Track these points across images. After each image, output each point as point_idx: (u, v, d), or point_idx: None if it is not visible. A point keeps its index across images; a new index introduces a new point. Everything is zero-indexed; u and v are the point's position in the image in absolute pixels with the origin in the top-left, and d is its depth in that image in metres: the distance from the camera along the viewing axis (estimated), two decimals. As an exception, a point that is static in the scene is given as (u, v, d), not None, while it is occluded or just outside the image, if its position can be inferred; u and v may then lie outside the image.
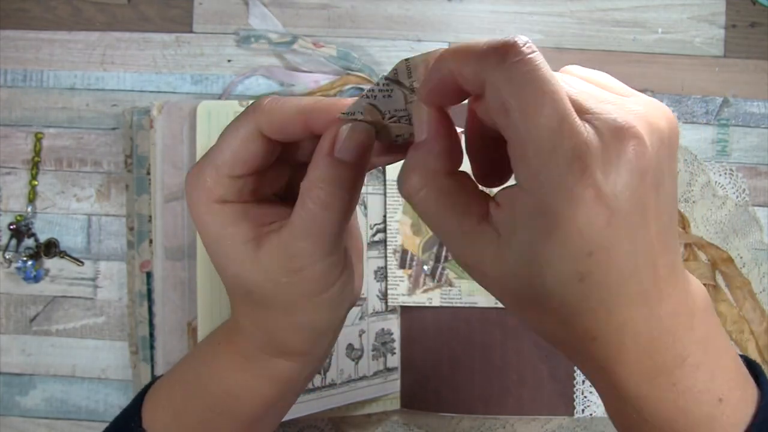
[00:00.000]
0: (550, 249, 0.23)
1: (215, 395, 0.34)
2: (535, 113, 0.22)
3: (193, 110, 0.53)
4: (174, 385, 0.35)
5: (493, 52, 0.23)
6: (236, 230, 0.29)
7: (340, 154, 0.27)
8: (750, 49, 0.58)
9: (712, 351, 0.26)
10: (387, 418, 0.58)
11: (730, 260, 0.57)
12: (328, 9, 0.59)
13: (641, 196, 0.23)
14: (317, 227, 0.28)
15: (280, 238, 0.28)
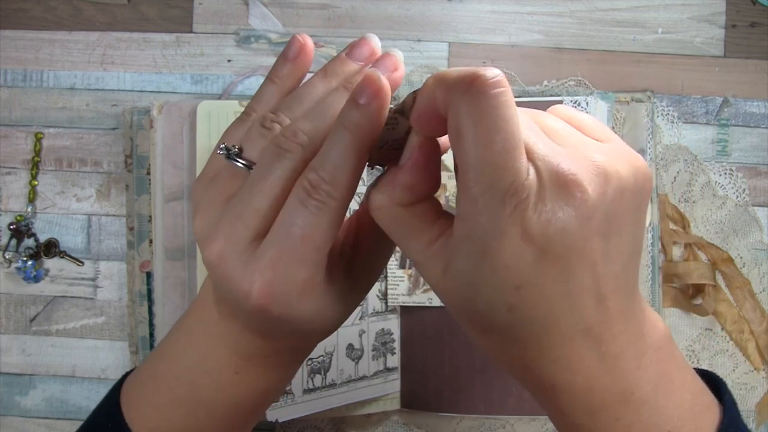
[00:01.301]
0: (480, 277, 0.24)
1: (211, 393, 0.33)
2: (485, 145, 0.23)
3: (193, 110, 0.53)
4: (158, 386, 0.34)
5: (461, 80, 0.23)
6: (335, 294, 0.29)
7: None
8: (750, 49, 0.58)
9: (663, 387, 0.26)
10: (387, 418, 0.58)
11: (730, 260, 0.57)
12: (328, 9, 0.59)
13: (579, 242, 0.23)
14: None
15: (360, 261, 0.31)
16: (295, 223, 0.27)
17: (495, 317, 0.25)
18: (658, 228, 0.56)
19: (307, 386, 0.52)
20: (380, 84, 0.26)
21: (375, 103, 0.26)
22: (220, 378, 0.33)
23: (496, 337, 0.26)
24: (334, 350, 0.53)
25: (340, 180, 0.26)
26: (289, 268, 0.27)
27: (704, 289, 0.56)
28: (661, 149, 0.58)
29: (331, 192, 0.26)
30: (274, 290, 0.27)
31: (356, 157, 0.26)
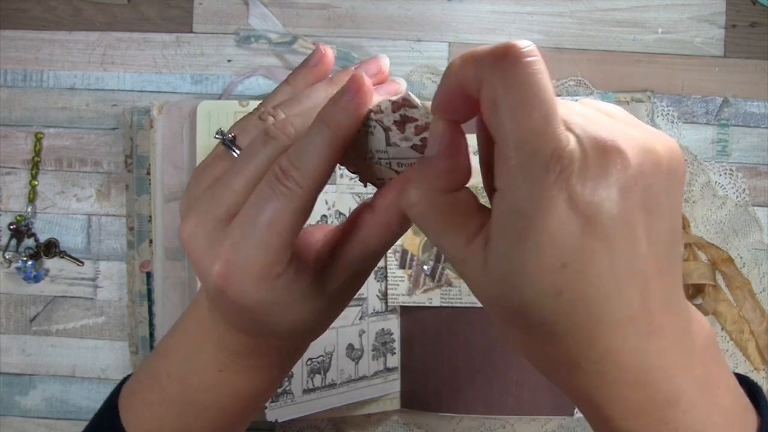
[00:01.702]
0: (524, 257, 0.22)
1: (199, 393, 0.34)
2: (523, 114, 0.22)
3: (193, 110, 0.53)
4: (156, 394, 0.35)
5: (492, 53, 0.23)
6: (300, 288, 0.29)
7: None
8: (750, 49, 0.58)
9: (710, 390, 0.25)
10: (387, 418, 0.58)
11: (730, 260, 0.57)
12: (328, 9, 0.59)
13: (624, 213, 0.22)
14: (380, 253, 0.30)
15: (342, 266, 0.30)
16: (260, 207, 0.27)
17: (544, 305, 0.22)
18: (658, 228, 0.56)
19: (306, 386, 0.52)
20: (362, 82, 0.27)
21: (355, 99, 0.27)
22: (205, 376, 0.33)
23: (544, 334, 0.24)
24: (334, 350, 0.53)
25: (310, 169, 0.27)
26: (248, 250, 0.27)
27: (704, 289, 0.56)
28: (661, 149, 0.58)
29: (299, 180, 0.27)
30: (231, 271, 0.27)
31: (329, 150, 0.27)
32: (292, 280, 0.29)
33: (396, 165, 0.29)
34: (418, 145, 0.28)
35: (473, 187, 0.27)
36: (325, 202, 0.53)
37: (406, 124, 0.27)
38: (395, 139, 0.28)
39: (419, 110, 0.27)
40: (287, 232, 0.27)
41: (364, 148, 0.29)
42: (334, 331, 0.53)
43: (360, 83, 0.27)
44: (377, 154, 0.29)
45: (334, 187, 0.54)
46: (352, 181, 0.54)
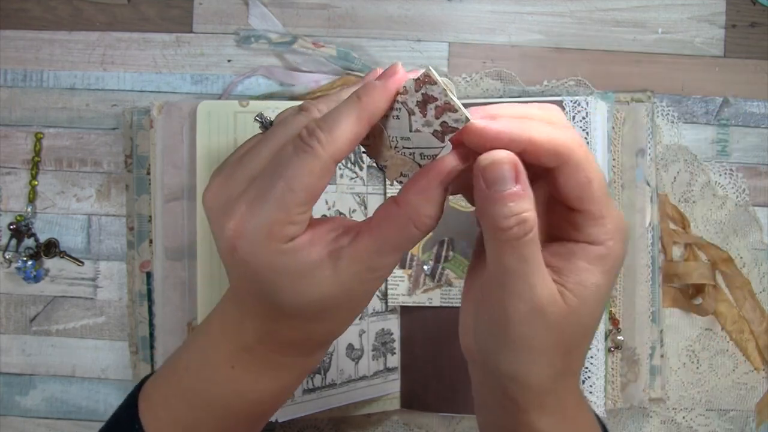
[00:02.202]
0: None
1: (209, 387, 0.34)
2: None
3: (193, 110, 0.53)
4: (172, 387, 0.35)
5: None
6: (313, 260, 0.29)
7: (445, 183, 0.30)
8: (750, 49, 0.58)
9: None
10: (387, 418, 0.58)
11: (730, 260, 0.57)
12: (328, 9, 0.59)
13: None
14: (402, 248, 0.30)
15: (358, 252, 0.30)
16: (280, 164, 0.28)
17: (598, 321, 0.31)
18: (658, 228, 0.56)
19: (306, 386, 0.52)
20: (397, 69, 0.29)
21: (389, 81, 0.29)
22: (218, 371, 0.33)
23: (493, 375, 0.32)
24: (333, 350, 0.53)
25: (335, 132, 0.28)
26: (262, 207, 0.28)
27: (704, 289, 0.56)
28: (661, 149, 0.58)
29: (321, 139, 0.27)
30: (243, 226, 0.28)
31: (357, 121, 0.28)
32: (304, 249, 0.29)
33: (419, 157, 0.30)
34: (438, 132, 0.29)
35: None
36: (326, 202, 0.53)
37: (428, 104, 0.28)
38: (417, 126, 0.29)
39: (438, 87, 0.28)
40: (302, 192, 0.28)
41: (388, 137, 0.30)
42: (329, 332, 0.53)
43: (395, 70, 0.29)
44: (401, 142, 0.30)
45: (334, 187, 0.54)
46: (352, 181, 0.54)
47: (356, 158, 0.54)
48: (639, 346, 0.55)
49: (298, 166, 0.27)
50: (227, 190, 0.29)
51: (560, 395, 0.32)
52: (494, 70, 0.58)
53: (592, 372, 0.53)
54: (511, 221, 0.27)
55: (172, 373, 0.36)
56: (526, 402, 0.31)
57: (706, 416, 0.57)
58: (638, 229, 0.55)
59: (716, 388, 0.57)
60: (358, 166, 0.54)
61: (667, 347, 0.57)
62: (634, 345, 0.55)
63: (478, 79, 0.58)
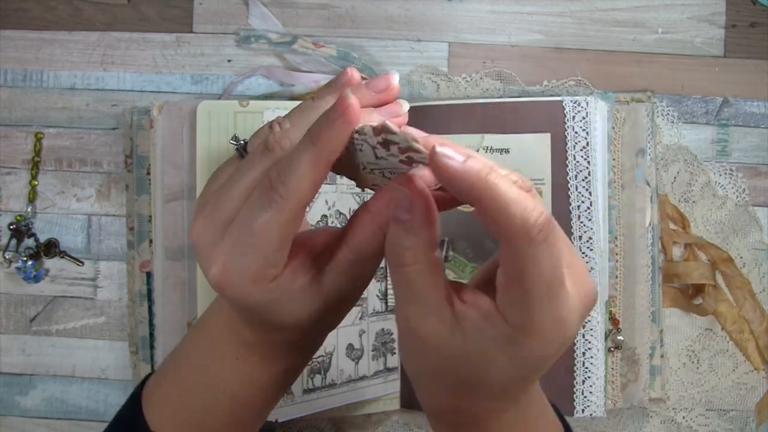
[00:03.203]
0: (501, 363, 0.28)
1: (215, 380, 0.35)
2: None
3: (193, 110, 0.53)
4: (177, 383, 0.36)
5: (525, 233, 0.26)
6: (298, 288, 0.30)
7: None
8: (750, 49, 0.58)
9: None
10: (387, 418, 0.58)
11: (730, 260, 0.57)
12: (328, 9, 0.59)
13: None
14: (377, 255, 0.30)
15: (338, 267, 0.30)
16: (250, 216, 0.28)
17: (508, 390, 0.29)
18: (658, 228, 0.56)
19: (307, 386, 0.52)
20: (348, 103, 0.27)
21: (339, 120, 0.27)
22: (223, 364, 0.34)
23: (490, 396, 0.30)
24: (334, 350, 0.53)
25: (294, 184, 0.27)
26: (241, 257, 0.29)
27: (704, 289, 0.56)
28: (661, 149, 0.58)
29: (283, 194, 0.28)
30: (227, 274, 0.29)
31: (313, 168, 0.27)
32: (288, 282, 0.30)
33: (388, 173, 0.30)
34: (405, 161, 0.28)
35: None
36: (325, 202, 0.53)
37: (390, 146, 0.27)
38: (382, 155, 0.28)
39: (398, 136, 0.27)
40: (276, 241, 0.28)
41: (355, 160, 0.30)
42: (334, 331, 0.53)
43: (345, 106, 0.27)
44: (368, 165, 0.30)
45: (334, 187, 0.54)
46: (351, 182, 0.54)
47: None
48: (639, 346, 0.55)
49: (265, 219, 0.28)
50: (208, 232, 0.30)
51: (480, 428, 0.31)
52: (494, 70, 0.58)
53: (592, 372, 0.53)
54: (389, 248, 0.28)
55: (174, 370, 0.36)
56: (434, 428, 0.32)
57: (706, 416, 0.57)
58: (638, 229, 0.55)
59: (716, 388, 0.57)
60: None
61: (667, 347, 0.57)
62: (634, 345, 0.55)
63: (478, 79, 0.58)
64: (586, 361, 0.53)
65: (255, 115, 0.53)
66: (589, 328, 0.53)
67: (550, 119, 0.53)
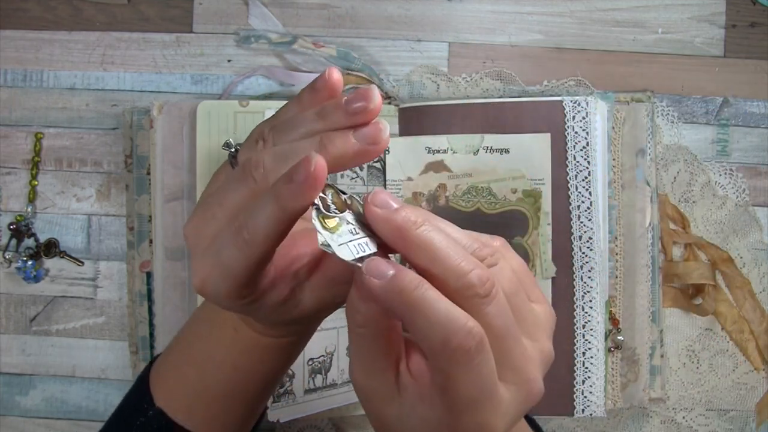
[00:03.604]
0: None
1: (216, 348, 0.37)
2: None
3: (193, 110, 0.53)
4: (183, 354, 0.38)
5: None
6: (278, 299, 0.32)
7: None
8: (750, 49, 0.58)
9: None
10: (387, 418, 0.58)
11: (730, 260, 0.57)
12: (328, 9, 0.59)
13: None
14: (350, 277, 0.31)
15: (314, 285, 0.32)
16: (222, 247, 0.29)
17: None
18: (658, 228, 0.56)
19: (307, 386, 0.52)
20: (312, 170, 0.26)
21: (304, 184, 0.26)
22: (223, 332, 0.36)
23: None
24: (334, 350, 0.53)
25: (258, 233, 0.28)
26: (216, 277, 0.30)
27: (704, 289, 0.57)
28: (661, 149, 0.58)
29: (248, 240, 0.28)
30: (205, 286, 0.30)
31: (275, 223, 0.28)
32: (266, 295, 0.31)
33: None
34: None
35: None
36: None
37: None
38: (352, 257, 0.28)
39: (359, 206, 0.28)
40: (244, 276, 0.29)
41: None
42: (335, 331, 0.53)
43: (308, 171, 0.26)
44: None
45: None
46: (352, 182, 0.54)
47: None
48: (639, 346, 0.55)
49: (234, 256, 0.29)
50: (197, 239, 0.31)
51: None
52: (494, 70, 0.58)
53: (592, 372, 0.53)
54: (349, 308, 0.29)
55: (180, 342, 0.39)
56: None
57: (706, 416, 0.57)
58: (638, 229, 0.55)
59: (716, 388, 0.57)
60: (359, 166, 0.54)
61: (667, 347, 0.57)
62: (634, 345, 0.55)
63: (478, 79, 0.58)
64: (586, 361, 0.53)
65: (255, 115, 0.53)
66: (589, 328, 0.53)
67: (550, 119, 0.53)
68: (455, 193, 0.55)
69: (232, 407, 0.38)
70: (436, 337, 0.25)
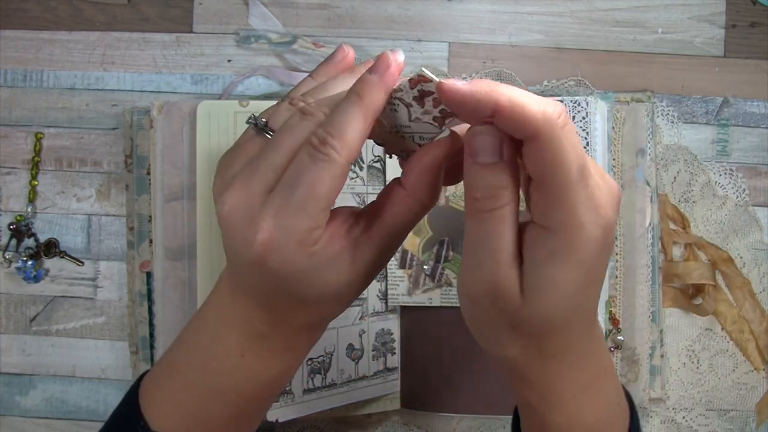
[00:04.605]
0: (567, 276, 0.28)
1: (218, 378, 0.34)
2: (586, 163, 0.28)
3: (193, 110, 0.53)
4: (176, 382, 0.35)
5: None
6: (335, 254, 0.31)
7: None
8: (750, 49, 0.58)
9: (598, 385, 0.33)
10: (387, 418, 0.58)
11: (730, 260, 0.57)
12: (328, 9, 0.59)
13: (611, 243, 0.30)
14: (409, 228, 0.32)
15: (371, 239, 0.31)
16: (300, 175, 0.29)
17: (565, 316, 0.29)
18: (658, 228, 0.56)
19: (307, 386, 0.52)
20: (390, 61, 0.30)
21: (384, 76, 0.29)
22: (227, 361, 0.34)
23: (536, 333, 0.30)
24: (334, 350, 0.53)
25: (346, 137, 0.29)
26: (289, 217, 0.29)
27: (704, 289, 0.56)
28: (661, 149, 0.58)
29: (336, 146, 0.28)
30: (273, 238, 0.29)
31: (363, 120, 0.29)
32: (327, 247, 0.30)
33: (418, 138, 0.31)
34: (438, 117, 0.30)
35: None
36: (325, 202, 0.53)
37: (425, 98, 0.29)
38: (416, 114, 0.30)
39: (434, 84, 0.29)
40: (325, 198, 0.29)
41: (389, 123, 0.31)
42: (335, 331, 0.53)
43: (388, 61, 0.30)
44: (401, 128, 0.31)
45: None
46: (352, 181, 0.54)
47: (356, 158, 0.54)
48: (639, 346, 0.55)
49: (318, 175, 0.28)
50: (247, 202, 0.30)
51: (545, 377, 0.31)
52: (494, 70, 0.58)
53: (592, 372, 0.53)
54: (483, 192, 0.28)
55: (172, 369, 0.36)
56: (512, 376, 0.32)
57: (706, 416, 0.57)
58: (638, 229, 0.55)
59: (716, 388, 0.57)
60: (358, 166, 0.54)
61: (667, 347, 0.57)
62: (634, 345, 0.55)
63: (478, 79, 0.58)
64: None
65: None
66: (589, 328, 0.53)
67: (550, 119, 0.53)
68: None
69: (235, 428, 0.37)
70: (535, 110, 0.27)
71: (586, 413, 0.32)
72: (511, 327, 0.30)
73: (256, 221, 0.29)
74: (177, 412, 0.35)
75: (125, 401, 0.37)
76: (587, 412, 0.32)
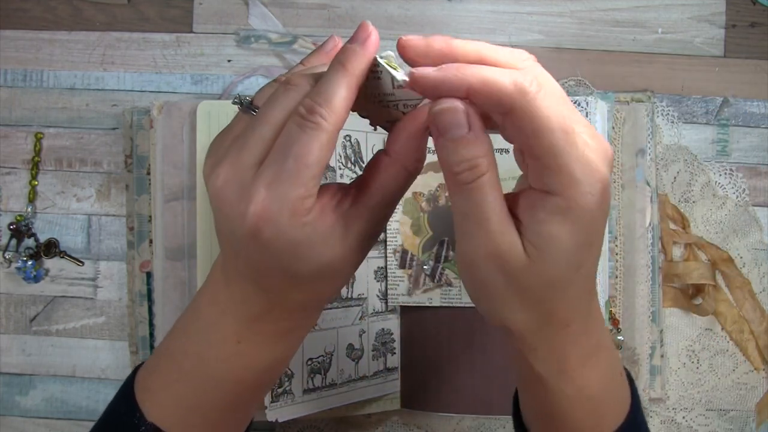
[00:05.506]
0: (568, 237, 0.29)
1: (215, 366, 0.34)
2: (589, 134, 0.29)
3: (193, 110, 0.53)
4: (172, 372, 0.35)
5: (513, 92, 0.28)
6: (327, 226, 0.31)
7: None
8: (750, 49, 0.58)
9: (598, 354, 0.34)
10: (387, 418, 0.58)
11: (730, 260, 0.57)
12: (328, 9, 0.59)
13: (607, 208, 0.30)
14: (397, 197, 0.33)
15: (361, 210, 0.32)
16: (289, 144, 0.29)
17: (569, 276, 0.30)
18: (658, 228, 0.56)
19: (307, 386, 0.52)
20: (370, 30, 0.30)
21: (366, 42, 0.30)
22: (223, 348, 0.34)
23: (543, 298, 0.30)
24: (334, 350, 0.53)
25: (333, 104, 0.29)
26: (281, 186, 0.29)
27: (704, 289, 0.56)
28: (661, 149, 0.58)
29: (323, 114, 0.29)
30: (266, 208, 0.29)
31: (347, 87, 0.29)
32: (319, 218, 0.31)
33: (402, 107, 0.32)
34: None
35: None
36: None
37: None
38: (400, 81, 0.30)
39: (406, 72, 0.29)
40: (316, 166, 0.29)
41: (372, 92, 0.32)
42: (334, 331, 0.53)
43: (368, 30, 0.30)
44: (385, 98, 0.32)
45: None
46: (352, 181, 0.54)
47: (356, 158, 0.54)
48: (639, 346, 0.55)
49: (308, 143, 0.29)
50: (238, 176, 0.30)
51: (553, 345, 0.32)
52: (494, 70, 0.58)
53: (592, 372, 0.53)
54: (461, 166, 0.29)
55: (167, 359, 0.36)
56: (520, 347, 0.32)
57: (706, 416, 0.57)
58: (638, 229, 0.55)
59: (716, 388, 0.57)
60: (359, 166, 0.54)
61: (667, 347, 0.57)
62: (634, 345, 0.55)
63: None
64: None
65: (255, 115, 0.53)
66: (589, 328, 0.53)
67: (550, 119, 0.53)
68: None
69: (232, 416, 0.37)
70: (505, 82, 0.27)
71: (593, 382, 0.33)
72: (517, 292, 0.30)
73: (248, 193, 0.29)
74: (173, 402, 0.35)
75: (121, 393, 0.37)
76: (593, 381, 0.33)
